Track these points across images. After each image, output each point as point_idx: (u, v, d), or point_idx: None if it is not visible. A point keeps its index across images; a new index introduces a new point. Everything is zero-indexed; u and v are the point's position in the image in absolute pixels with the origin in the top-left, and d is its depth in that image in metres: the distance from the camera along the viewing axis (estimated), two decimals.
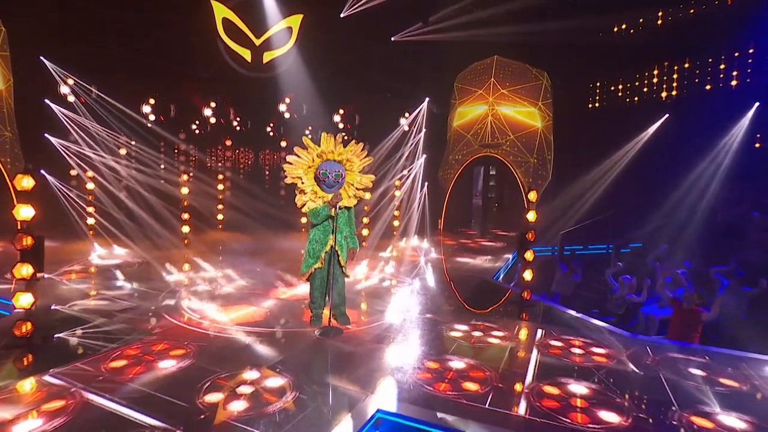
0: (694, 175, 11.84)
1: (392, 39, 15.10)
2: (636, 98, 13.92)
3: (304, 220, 13.43)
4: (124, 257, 10.37)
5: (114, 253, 10.69)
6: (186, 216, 11.89)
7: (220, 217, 14.26)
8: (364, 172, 6.26)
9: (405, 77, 15.24)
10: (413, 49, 14.80)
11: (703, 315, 6.80)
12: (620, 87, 14.28)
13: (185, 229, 11.91)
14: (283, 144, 15.50)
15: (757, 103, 11.81)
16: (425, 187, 14.90)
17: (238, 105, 14.71)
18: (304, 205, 5.91)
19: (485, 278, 9.91)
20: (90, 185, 12.38)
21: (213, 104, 14.45)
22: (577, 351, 5.83)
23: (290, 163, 5.93)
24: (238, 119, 14.88)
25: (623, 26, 13.97)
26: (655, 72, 13.48)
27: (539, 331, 6.45)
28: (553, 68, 14.16)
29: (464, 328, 6.50)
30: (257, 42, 14.13)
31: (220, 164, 15.04)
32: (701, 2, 12.56)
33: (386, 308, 7.31)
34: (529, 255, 7.49)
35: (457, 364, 5.29)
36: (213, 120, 14.48)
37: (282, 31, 14.11)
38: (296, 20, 14.12)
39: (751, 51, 11.91)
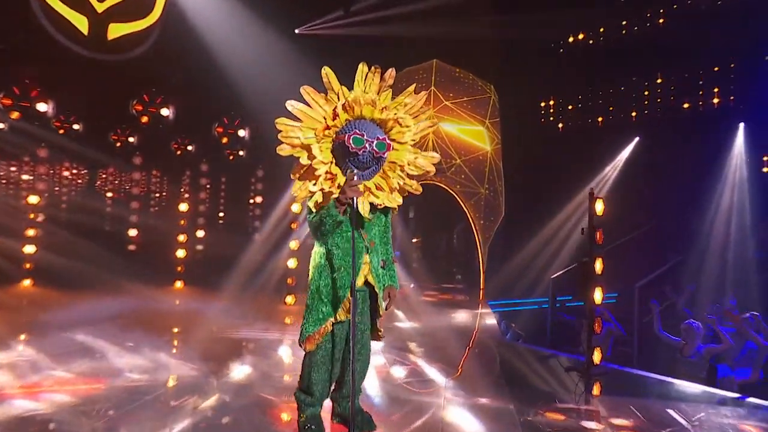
0: (711, 209, 9.64)
1: (296, 31, 11.56)
2: (600, 118, 11.74)
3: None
4: None
5: None
6: None
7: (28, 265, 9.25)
8: (420, 147, 3.42)
9: (314, 80, 11.56)
10: (327, 45, 11.37)
11: None
12: (579, 105, 12.05)
13: None
14: (137, 161, 10.73)
15: (741, 124, 10.18)
16: None
17: (66, 99, 9.79)
18: (305, 202, 3.25)
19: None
20: None
21: (17, 91, 9.37)
22: None
23: (292, 120, 3.15)
24: (62, 118, 9.89)
25: (580, 36, 11.92)
26: (622, 88, 11.45)
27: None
28: (498, 80, 11.69)
29: None
30: (99, 7, 9.63)
31: (25, 184, 9.80)
32: (671, 12, 10.87)
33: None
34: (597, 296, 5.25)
35: None
36: (16, 115, 9.32)
37: None
38: None
39: (732, 66, 10.35)
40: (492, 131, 11.69)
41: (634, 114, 11.20)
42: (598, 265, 5.42)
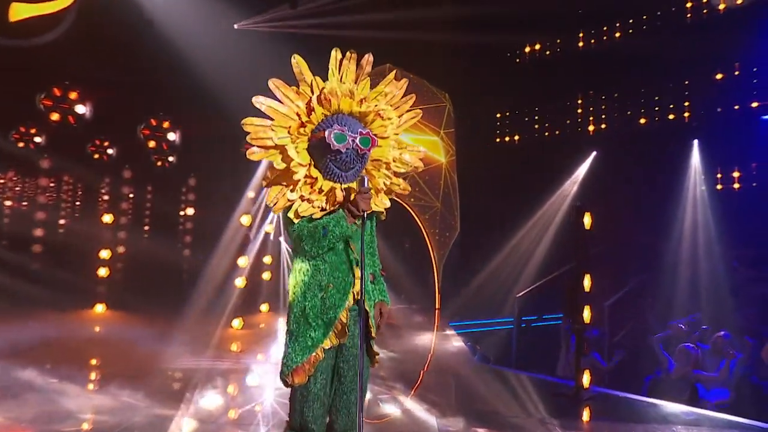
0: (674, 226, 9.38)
1: (235, 26, 10.48)
2: (557, 131, 11.36)
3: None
4: None
5: None
6: None
7: None
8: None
9: (256, 79, 10.52)
10: (271, 43, 10.36)
11: None
12: (536, 118, 11.63)
13: None
14: (45, 164, 9.25)
15: (696, 141, 10.10)
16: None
17: None
18: (286, 210, 2.72)
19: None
20: None
21: None
22: None
23: (261, 120, 2.69)
24: None
25: (537, 46, 11.54)
26: (579, 101, 11.14)
27: None
28: (452, 89, 11.10)
29: None
30: None
31: None
32: (628, 27, 10.70)
33: None
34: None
35: None
36: None
37: None
38: None
39: (686, 83, 10.26)
40: (447, 142, 11.07)
41: (591, 128, 10.91)
42: (587, 282, 5.20)
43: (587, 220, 5.25)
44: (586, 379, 5.15)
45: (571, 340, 7.23)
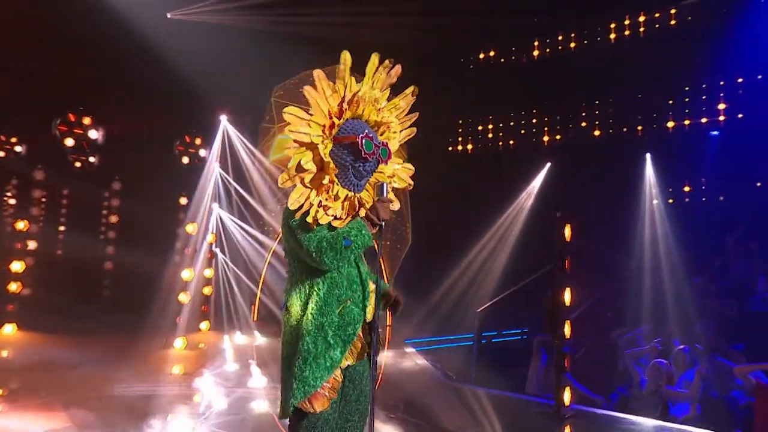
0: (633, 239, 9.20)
1: (169, 15, 9.51)
2: (511, 141, 11.06)
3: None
4: None
5: None
6: None
7: None
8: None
9: (181, 78, 9.54)
10: (204, 33, 9.44)
11: None
12: (490, 127, 11.28)
13: None
14: None
15: (648, 154, 10.08)
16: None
17: None
18: (304, 215, 2.50)
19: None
20: None
21: None
22: None
23: (302, 111, 2.53)
24: None
25: (491, 53, 11.21)
26: (534, 111, 10.89)
27: None
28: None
29: None
30: None
31: None
32: (583, 38, 10.57)
33: None
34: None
35: None
36: None
37: None
38: None
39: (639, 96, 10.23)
40: (399, 149, 10.54)
41: (546, 138, 10.69)
42: (568, 296, 5.03)
43: (567, 231, 4.92)
44: (566, 396, 4.98)
45: (543, 356, 7.08)
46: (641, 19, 10.18)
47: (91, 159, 9.16)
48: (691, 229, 9.14)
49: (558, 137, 10.65)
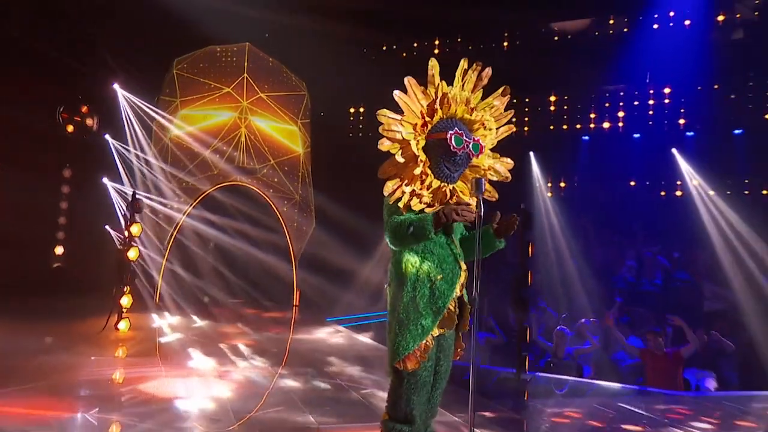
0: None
1: None
2: None
3: None
4: None
5: None
6: None
7: None
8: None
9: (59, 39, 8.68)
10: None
11: (684, 351, 6.53)
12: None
13: None
14: None
15: (531, 153, 11.11)
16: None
17: None
18: (396, 201, 2.82)
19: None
20: None
21: None
22: None
23: (393, 113, 2.83)
24: None
25: (394, 46, 11.58)
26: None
27: None
28: (311, 79, 10.51)
29: None
30: None
31: None
32: (479, 42, 11.35)
33: None
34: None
35: None
36: None
37: None
38: None
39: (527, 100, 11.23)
40: (303, 133, 10.52)
41: None
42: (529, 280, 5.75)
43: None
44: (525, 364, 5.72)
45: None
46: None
47: None
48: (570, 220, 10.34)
49: None
